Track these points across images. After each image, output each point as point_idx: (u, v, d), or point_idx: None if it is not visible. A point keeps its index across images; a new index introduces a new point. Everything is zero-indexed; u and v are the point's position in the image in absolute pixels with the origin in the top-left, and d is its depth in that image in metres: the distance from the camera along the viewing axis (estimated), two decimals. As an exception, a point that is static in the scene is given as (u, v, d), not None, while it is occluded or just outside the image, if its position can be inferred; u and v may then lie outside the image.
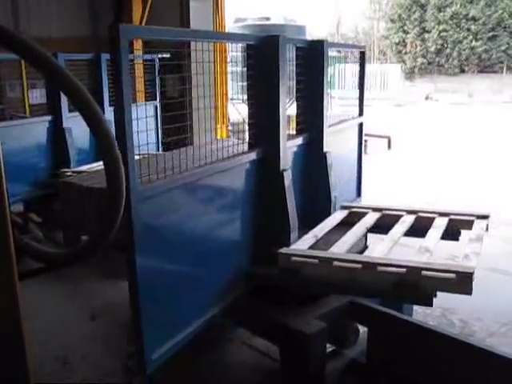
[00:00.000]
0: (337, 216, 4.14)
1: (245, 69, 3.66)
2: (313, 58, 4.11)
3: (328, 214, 4.17)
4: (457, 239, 3.89)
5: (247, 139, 3.73)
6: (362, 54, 5.21)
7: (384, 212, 4.13)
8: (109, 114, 7.21)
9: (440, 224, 3.78)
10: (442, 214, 3.92)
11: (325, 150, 4.22)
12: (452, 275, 2.85)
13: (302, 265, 3.28)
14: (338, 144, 4.69)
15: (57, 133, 6.69)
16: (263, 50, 3.49)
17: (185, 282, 3.06)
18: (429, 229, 3.72)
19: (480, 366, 2.92)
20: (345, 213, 4.22)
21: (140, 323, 2.70)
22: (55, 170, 6.55)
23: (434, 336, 3.13)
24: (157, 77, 7.96)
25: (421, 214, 4.00)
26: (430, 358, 3.14)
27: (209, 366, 3.92)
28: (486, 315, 4.59)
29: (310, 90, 4.18)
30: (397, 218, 3.99)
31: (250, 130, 3.68)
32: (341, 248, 3.42)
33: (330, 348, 3.52)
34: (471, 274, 2.82)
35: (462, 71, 34.58)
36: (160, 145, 7.63)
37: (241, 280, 3.53)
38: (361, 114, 5.31)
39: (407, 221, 3.92)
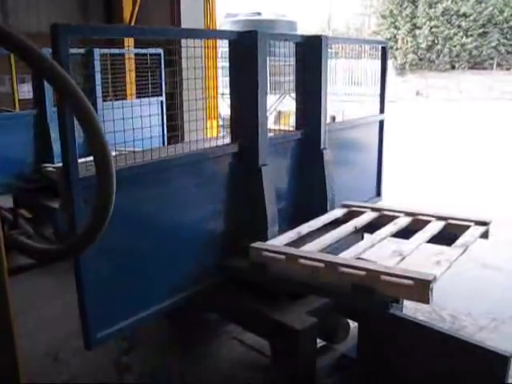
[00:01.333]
0: (332, 214, 4.10)
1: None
2: (311, 53, 4.09)
3: (324, 211, 4.14)
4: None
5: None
6: (384, 50, 5.11)
7: (382, 212, 4.08)
8: (102, 109, 7.21)
9: (432, 228, 3.70)
10: (440, 218, 3.83)
11: (322, 146, 4.18)
12: (410, 282, 2.76)
13: (270, 260, 3.28)
14: (349, 141, 4.77)
15: (41, 127, 6.62)
16: (242, 46, 3.52)
17: (136, 269, 3.08)
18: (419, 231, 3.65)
19: (470, 361, 2.94)
20: (342, 211, 4.17)
21: (84, 303, 2.84)
22: (40, 164, 6.50)
23: (423, 331, 3.14)
24: (163, 70, 7.75)
25: (418, 217, 3.91)
26: (420, 352, 3.16)
27: (198, 360, 3.92)
28: (475, 310, 4.62)
29: (307, 86, 4.16)
30: (392, 219, 3.92)
31: (231, 124, 3.73)
32: (315, 246, 3.38)
33: (320, 343, 3.54)
34: (429, 282, 2.70)
35: (453, 67, 34.71)
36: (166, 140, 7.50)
37: (210, 271, 3.52)
38: (382, 111, 5.21)
39: (400, 222, 3.85)
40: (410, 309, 4.44)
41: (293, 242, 3.55)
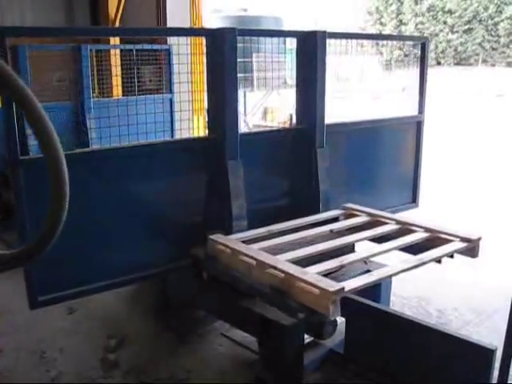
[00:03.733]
0: (323, 215, 4.05)
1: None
2: (309, 49, 4.04)
3: (316, 211, 4.10)
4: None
5: None
6: (423, 46, 4.90)
7: (374, 218, 3.97)
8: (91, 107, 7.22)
9: (410, 238, 3.61)
10: (427, 230, 3.67)
11: (318, 144, 4.12)
12: (316, 291, 2.75)
13: (219, 253, 3.39)
14: (375, 142, 4.69)
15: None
16: (214, 43, 3.63)
17: (85, 246, 3.30)
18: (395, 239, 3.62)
19: (457, 355, 2.96)
20: (335, 213, 4.10)
21: (27, 267, 3.07)
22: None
23: (410, 325, 3.16)
24: (173, 65, 7.72)
25: (406, 226, 3.78)
26: (406, 347, 3.18)
27: (187, 356, 3.92)
28: (461, 305, 4.66)
29: (305, 82, 4.14)
30: (377, 225, 3.85)
31: (208, 118, 3.92)
32: (268, 244, 3.43)
33: (308, 339, 3.55)
34: (330, 293, 2.68)
35: (439, 63, 34.89)
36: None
37: (172, 256, 3.64)
38: (420, 111, 4.96)
39: (382, 229, 3.77)
40: (397, 304, 4.48)
41: (255, 238, 3.58)
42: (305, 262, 3.13)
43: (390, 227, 3.79)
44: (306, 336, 3.43)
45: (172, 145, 3.87)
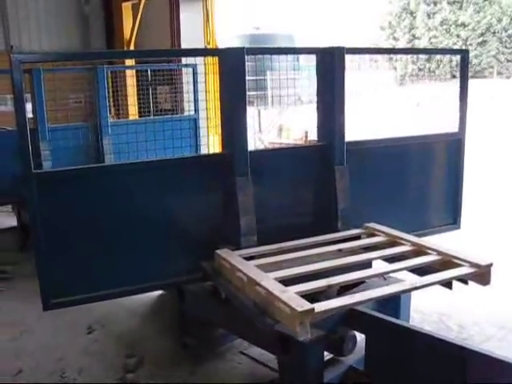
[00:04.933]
0: (339, 234, 4.02)
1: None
2: (327, 65, 4.01)
3: (334, 230, 4.07)
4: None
5: None
6: (463, 59, 4.68)
7: (390, 239, 3.87)
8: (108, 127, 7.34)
9: (419, 260, 3.55)
10: (440, 253, 3.55)
11: (337, 162, 4.07)
12: (288, 310, 2.75)
13: (222, 268, 3.46)
14: (406, 160, 4.54)
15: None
16: (224, 62, 3.73)
17: (99, 252, 3.47)
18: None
19: (480, 372, 2.92)
20: (354, 232, 4.05)
21: (40, 273, 3.31)
22: None
23: (430, 341, 3.12)
24: (196, 84, 7.71)
25: (421, 248, 3.68)
26: (427, 363, 3.14)
27: (206, 375, 3.91)
28: (482, 319, 4.59)
29: (324, 99, 4.11)
30: (390, 246, 3.80)
31: (222, 134, 4.03)
32: (266, 261, 3.49)
33: (327, 356, 3.52)
34: (298, 313, 2.67)
35: (453, 77, 34.80)
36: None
37: (184, 269, 3.72)
38: (461, 128, 4.71)
39: (394, 250, 3.72)
40: (416, 319, 4.43)
41: (260, 254, 3.63)
42: (297, 280, 3.15)
43: (402, 248, 3.72)
44: (325, 353, 3.40)
45: (185, 161, 4.02)
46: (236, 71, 3.67)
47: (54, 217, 3.34)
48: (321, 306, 2.81)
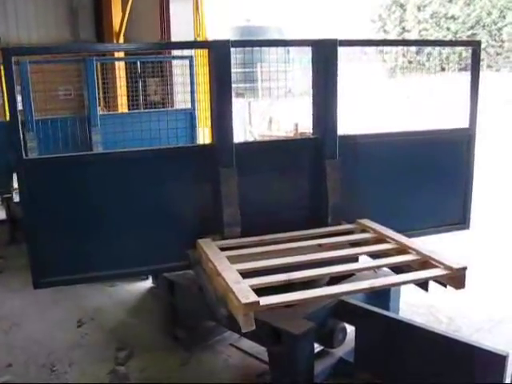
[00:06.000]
0: (327, 228, 4.00)
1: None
2: (320, 58, 3.96)
3: (324, 224, 4.05)
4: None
5: None
6: (474, 52, 4.35)
7: (379, 236, 3.83)
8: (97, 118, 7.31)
9: (394, 259, 3.54)
10: (419, 253, 3.46)
11: (328, 155, 4.02)
12: (236, 302, 2.82)
13: (200, 257, 3.58)
14: (413, 155, 4.36)
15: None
16: (212, 54, 3.77)
17: (85, 236, 3.64)
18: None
19: (468, 362, 2.94)
20: (344, 227, 4.03)
21: (30, 253, 3.54)
22: None
23: (420, 333, 3.14)
24: (192, 76, 7.54)
25: (402, 247, 3.61)
26: (416, 354, 3.16)
27: (197, 367, 3.91)
28: (471, 311, 4.62)
29: (316, 92, 4.07)
30: (371, 243, 3.79)
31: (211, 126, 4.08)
32: (239, 253, 3.56)
33: (317, 348, 3.53)
34: (242, 305, 2.73)
35: (443, 70, 34.85)
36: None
37: (170, 256, 3.78)
38: (471, 124, 4.48)
39: (373, 248, 3.71)
40: (405, 311, 4.45)
41: (238, 246, 3.69)
42: (262, 273, 3.20)
43: (385, 246, 3.68)
44: (316, 345, 3.42)
45: (173, 151, 4.05)
46: (221, 63, 3.70)
47: (42, 200, 3.52)
48: (266, 300, 2.85)
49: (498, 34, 34.55)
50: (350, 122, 5.49)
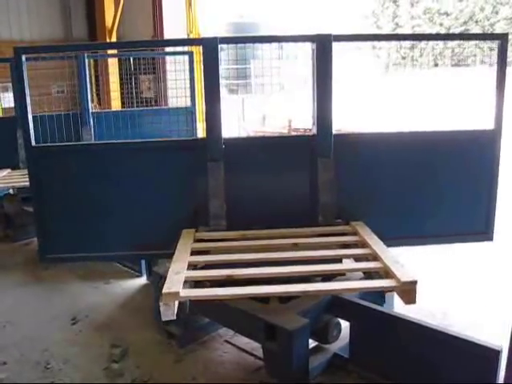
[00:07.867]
0: (315, 228, 4.02)
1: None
2: (316, 54, 3.91)
3: (314, 223, 4.05)
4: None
5: None
6: (501, 46, 4.11)
7: (360, 241, 3.77)
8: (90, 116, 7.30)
9: (354, 265, 3.64)
10: (382, 262, 3.37)
11: (320, 153, 3.97)
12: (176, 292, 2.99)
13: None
14: (430, 157, 4.15)
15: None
16: (203, 51, 3.88)
17: (86, 219, 4.14)
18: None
19: (462, 356, 2.95)
20: (331, 228, 3.99)
21: (38, 230, 4.15)
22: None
23: (414, 328, 3.15)
24: (192, 72, 7.54)
25: (372, 255, 3.55)
26: (411, 349, 3.17)
27: (192, 364, 3.91)
28: (465, 307, 4.64)
29: (314, 89, 4.00)
30: (349, 248, 3.78)
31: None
32: (209, 245, 3.81)
33: (312, 344, 3.54)
34: (164, 294, 2.95)
35: (436, 65, 34.95)
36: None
37: (164, 243, 3.91)
38: (497, 124, 4.17)
39: (342, 252, 3.73)
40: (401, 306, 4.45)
41: (218, 239, 3.88)
42: (215, 267, 3.42)
43: (358, 251, 3.67)
44: (310, 341, 3.42)
45: (166, 144, 4.30)
46: (210, 60, 3.80)
47: (48, 184, 4.01)
48: (186, 292, 3.05)
49: (490, 29, 34.58)
50: (350, 122, 5.42)
